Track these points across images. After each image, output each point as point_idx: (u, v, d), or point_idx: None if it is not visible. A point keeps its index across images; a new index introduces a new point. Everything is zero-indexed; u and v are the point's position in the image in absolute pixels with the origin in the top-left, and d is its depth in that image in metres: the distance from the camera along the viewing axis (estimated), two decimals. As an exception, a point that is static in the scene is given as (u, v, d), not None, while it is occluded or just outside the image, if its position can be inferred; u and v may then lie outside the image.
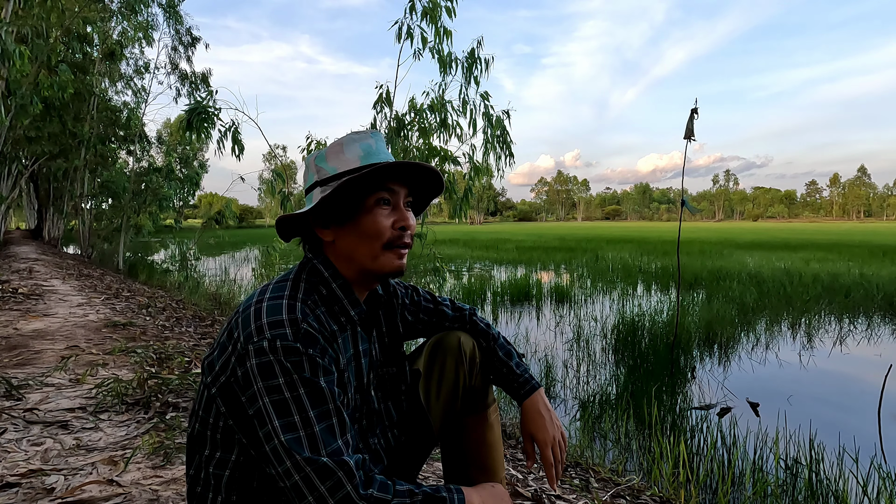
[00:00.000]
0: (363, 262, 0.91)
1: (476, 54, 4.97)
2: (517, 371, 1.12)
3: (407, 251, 0.94)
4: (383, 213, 0.91)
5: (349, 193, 0.90)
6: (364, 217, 0.90)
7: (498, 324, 6.20)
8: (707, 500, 2.18)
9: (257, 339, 0.79)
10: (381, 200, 0.91)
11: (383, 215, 0.91)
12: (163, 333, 3.93)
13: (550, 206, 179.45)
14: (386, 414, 1.03)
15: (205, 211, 41.68)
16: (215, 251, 19.66)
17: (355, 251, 0.91)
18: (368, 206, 0.91)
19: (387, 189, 0.91)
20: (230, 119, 4.68)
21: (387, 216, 0.91)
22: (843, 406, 3.58)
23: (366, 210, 0.90)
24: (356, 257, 0.92)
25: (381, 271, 0.92)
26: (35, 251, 13.58)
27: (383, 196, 0.91)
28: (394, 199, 0.92)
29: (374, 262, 0.91)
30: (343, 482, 0.75)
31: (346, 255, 0.92)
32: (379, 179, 0.90)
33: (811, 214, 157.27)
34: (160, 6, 13.50)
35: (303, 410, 0.77)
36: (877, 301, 6.89)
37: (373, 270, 0.92)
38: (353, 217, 0.91)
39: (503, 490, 0.95)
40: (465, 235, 31.27)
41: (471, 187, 5.30)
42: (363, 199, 0.91)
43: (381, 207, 0.91)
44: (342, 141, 0.94)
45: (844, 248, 17.10)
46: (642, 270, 10.88)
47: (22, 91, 7.85)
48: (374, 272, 0.92)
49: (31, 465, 1.67)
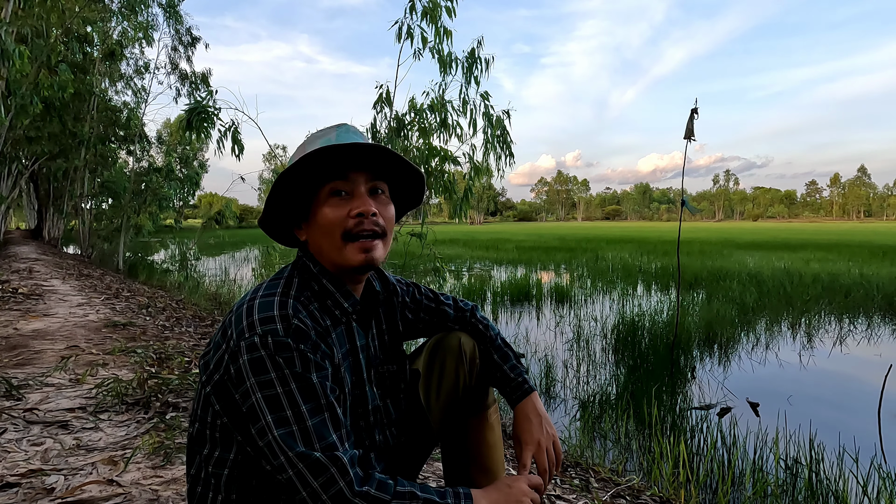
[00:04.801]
0: (331, 257, 0.90)
1: (476, 54, 4.96)
2: (510, 374, 1.10)
3: (377, 241, 0.89)
4: (337, 202, 0.88)
5: (296, 189, 0.89)
6: (319, 210, 0.89)
7: (498, 324, 6.20)
8: (707, 500, 2.18)
9: (248, 336, 0.79)
10: (335, 191, 0.88)
11: (337, 205, 0.88)
12: (163, 333, 3.93)
13: (550, 206, 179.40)
14: (384, 412, 1.02)
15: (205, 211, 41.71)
16: (215, 251, 19.66)
17: (322, 247, 0.90)
18: (322, 198, 0.89)
19: (341, 177, 0.88)
20: (230, 119, 4.66)
21: (340, 206, 0.88)
22: (843, 406, 3.58)
23: (320, 202, 0.89)
24: (324, 253, 0.90)
25: (347, 266, 0.89)
26: (35, 251, 13.57)
27: (336, 186, 0.88)
28: (349, 188, 0.89)
29: (339, 255, 0.89)
30: (336, 478, 0.75)
31: (317, 252, 0.91)
32: (324, 167, 0.87)
33: (811, 214, 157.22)
34: (160, 6, 13.48)
35: (295, 405, 0.77)
36: (877, 301, 6.89)
37: (341, 265, 0.90)
38: (310, 212, 0.90)
39: (523, 488, 0.89)
40: (465, 235, 31.25)
41: (471, 187, 5.29)
42: (315, 193, 0.89)
43: (334, 198, 0.88)
44: (306, 140, 0.93)
45: (844, 248, 17.09)
46: (642, 270, 10.87)
47: (22, 91, 7.84)
48: (343, 267, 0.90)
49: (31, 465, 1.67)
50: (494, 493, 0.87)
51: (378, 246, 0.90)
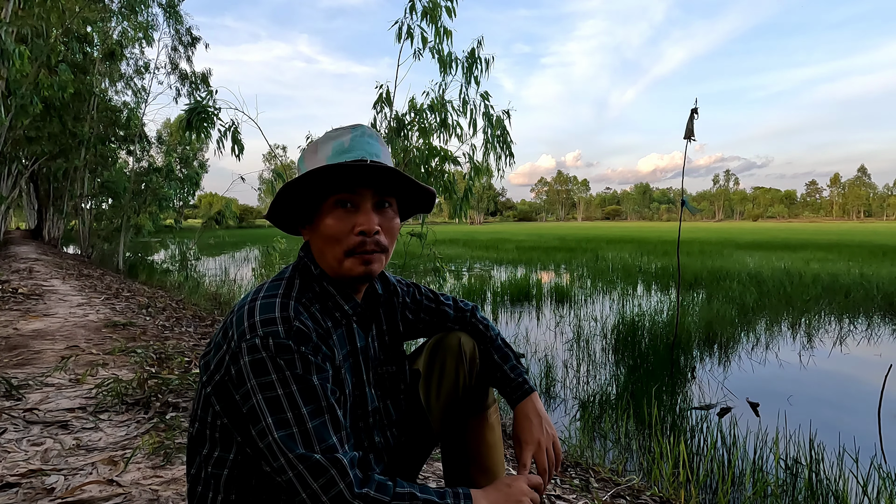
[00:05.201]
0: (331, 265, 0.90)
1: (476, 54, 4.96)
2: (511, 375, 1.11)
3: (378, 255, 0.89)
4: (342, 215, 0.88)
5: (304, 195, 0.89)
6: (322, 219, 0.89)
7: (498, 324, 6.20)
8: (707, 500, 2.18)
9: (250, 337, 0.79)
10: (341, 202, 0.88)
11: (341, 217, 0.87)
12: (163, 333, 3.93)
13: (550, 206, 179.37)
14: (384, 412, 1.02)
15: (205, 211, 41.70)
16: (215, 251, 19.64)
17: (323, 253, 0.90)
18: (327, 207, 0.88)
19: (348, 190, 0.88)
20: (230, 119, 4.66)
21: (345, 219, 0.87)
22: (843, 406, 3.58)
23: (324, 212, 0.89)
24: (325, 259, 0.90)
25: (347, 276, 0.89)
26: (35, 251, 13.57)
27: (342, 197, 0.88)
28: (355, 200, 0.88)
29: (339, 266, 0.89)
30: (336, 480, 0.75)
31: (319, 256, 0.92)
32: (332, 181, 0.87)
33: (811, 214, 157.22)
34: (160, 6, 13.49)
35: (295, 407, 0.77)
36: (877, 301, 6.89)
37: (340, 274, 0.90)
38: (314, 218, 0.91)
39: (523, 488, 0.89)
40: (465, 235, 31.25)
41: (471, 187, 5.29)
42: (322, 201, 0.89)
43: (339, 209, 0.88)
44: (319, 140, 0.93)
45: (844, 248, 17.09)
46: (642, 270, 10.87)
47: (22, 91, 7.84)
48: (342, 276, 0.90)
49: (31, 465, 1.67)
50: (494, 493, 0.87)
51: (379, 259, 0.90)
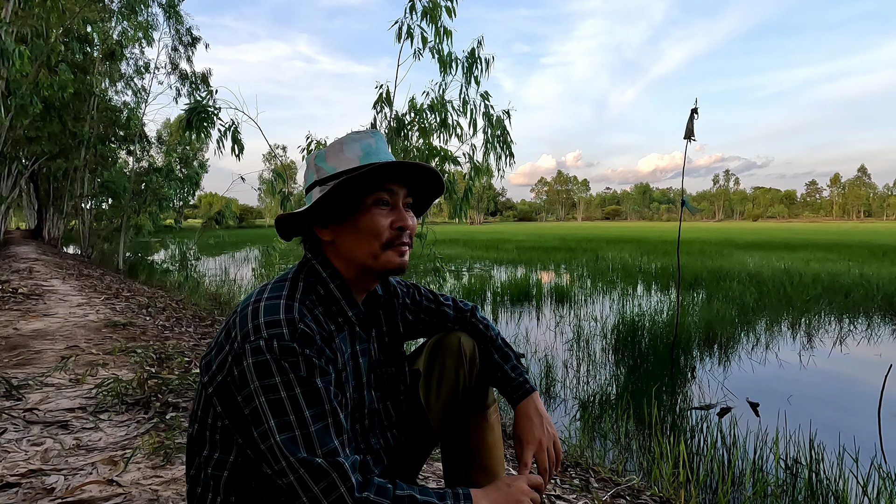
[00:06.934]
0: (364, 261, 0.91)
1: (476, 54, 4.96)
2: (511, 374, 1.11)
3: (408, 250, 0.94)
4: (381, 212, 0.91)
5: (347, 193, 0.90)
6: (362, 216, 0.90)
7: (498, 324, 6.20)
8: (707, 500, 2.18)
9: (254, 339, 0.79)
10: (380, 201, 0.91)
11: (381, 215, 0.91)
12: (163, 333, 3.93)
13: (550, 206, 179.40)
14: (385, 414, 1.03)
15: (205, 211, 41.72)
16: (215, 251, 19.66)
17: (354, 250, 0.91)
18: (367, 205, 0.91)
19: (385, 189, 0.91)
20: (230, 119, 4.66)
21: (385, 216, 0.91)
22: (843, 406, 3.58)
23: (364, 209, 0.91)
24: (356, 256, 0.92)
25: (382, 269, 0.92)
26: (35, 251, 13.57)
27: (382, 196, 0.91)
28: (392, 200, 0.92)
29: (374, 260, 0.91)
30: (337, 484, 0.75)
31: (346, 255, 0.92)
32: (377, 179, 0.90)
33: (811, 214, 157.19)
34: (160, 6, 13.50)
35: (298, 410, 0.77)
36: (877, 301, 6.89)
37: (374, 268, 0.92)
38: (352, 216, 0.91)
39: (523, 487, 0.89)
40: (465, 235, 31.25)
41: (471, 187, 5.29)
42: (361, 199, 0.91)
43: (379, 207, 0.91)
44: (342, 140, 0.94)
45: (844, 248, 17.09)
46: (642, 270, 10.87)
47: (22, 91, 7.85)
48: (376, 270, 0.92)
49: (31, 465, 1.67)
50: (494, 493, 0.87)
51: (407, 254, 0.94)
